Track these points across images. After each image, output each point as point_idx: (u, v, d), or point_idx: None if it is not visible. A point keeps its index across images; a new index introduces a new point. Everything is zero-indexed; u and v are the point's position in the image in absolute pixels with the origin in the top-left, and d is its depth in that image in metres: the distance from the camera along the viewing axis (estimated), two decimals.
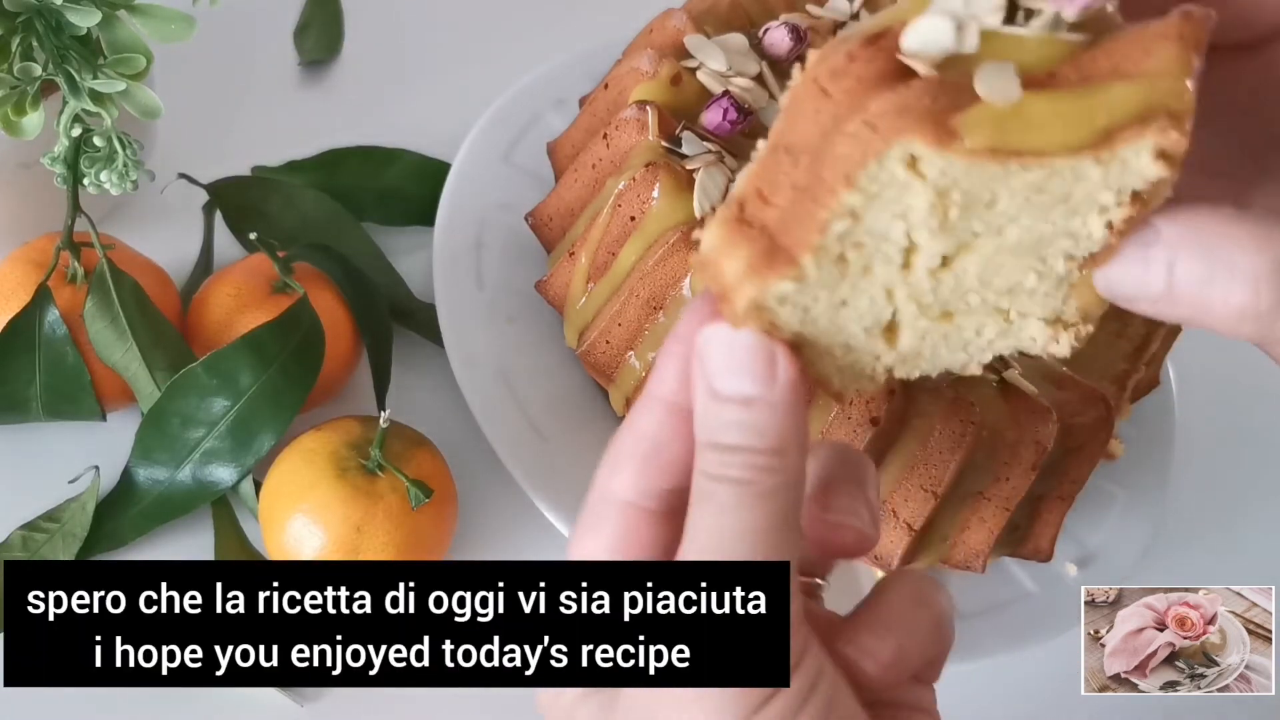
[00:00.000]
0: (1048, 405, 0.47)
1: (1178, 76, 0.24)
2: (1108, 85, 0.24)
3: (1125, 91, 0.24)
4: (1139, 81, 0.24)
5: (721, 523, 0.26)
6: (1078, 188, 0.25)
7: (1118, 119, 0.24)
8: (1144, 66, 0.24)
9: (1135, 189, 0.25)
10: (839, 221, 0.24)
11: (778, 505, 0.26)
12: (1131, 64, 0.24)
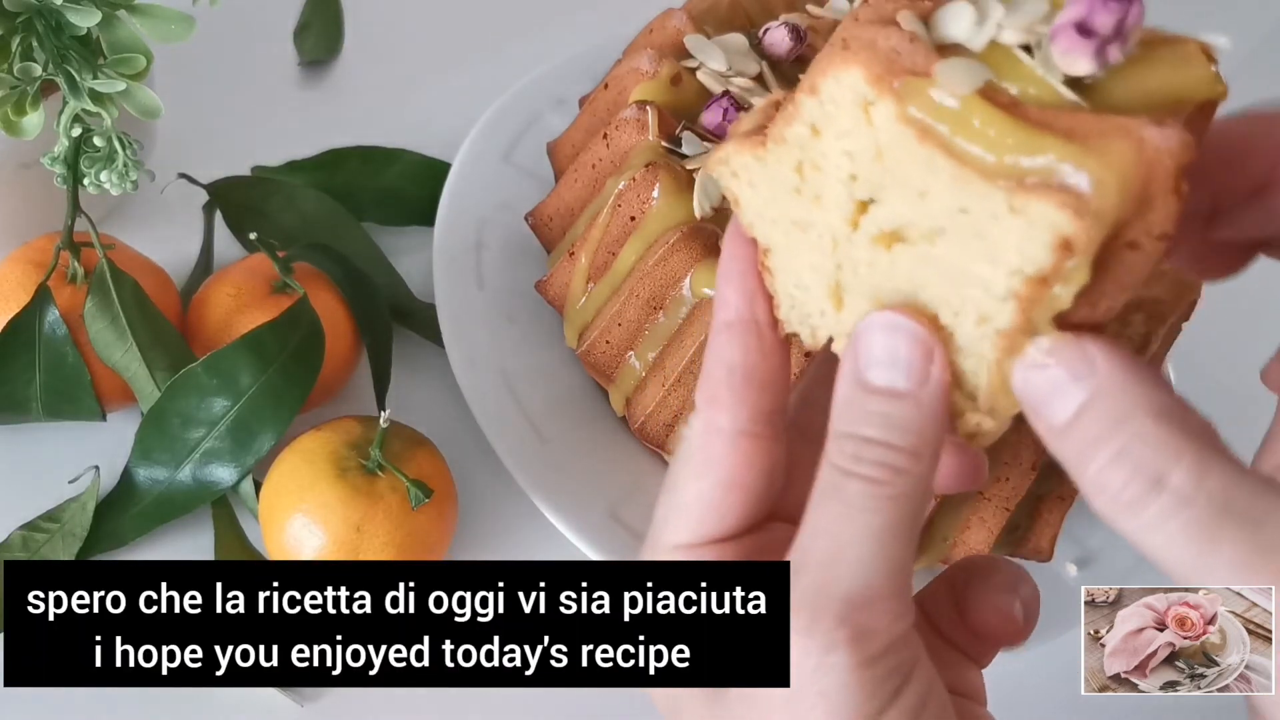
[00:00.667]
0: None
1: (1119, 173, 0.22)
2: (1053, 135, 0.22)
3: (1060, 146, 0.22)
4: (1083, 147, 0.22)
5: (848, 522, 0.25)
6: (992, 228, 0.23)
7: (1039, 168, 0.22)
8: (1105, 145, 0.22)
9: (1038, 267, 0.23)
10: (799, 124, 0.25)
11: (906, 511, 0.25)
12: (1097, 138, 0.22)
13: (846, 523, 0.25)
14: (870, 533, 0.25)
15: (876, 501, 0.25)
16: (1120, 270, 0.23)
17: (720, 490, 0.27)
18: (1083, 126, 0.22)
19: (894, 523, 0.25)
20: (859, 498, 0.25)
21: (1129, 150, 0.22)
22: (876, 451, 0.25)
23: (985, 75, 0.23)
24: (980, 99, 0.23)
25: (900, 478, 0.25)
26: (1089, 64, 0.22)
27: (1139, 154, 0.22)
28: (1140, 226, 0.22)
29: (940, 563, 0.51)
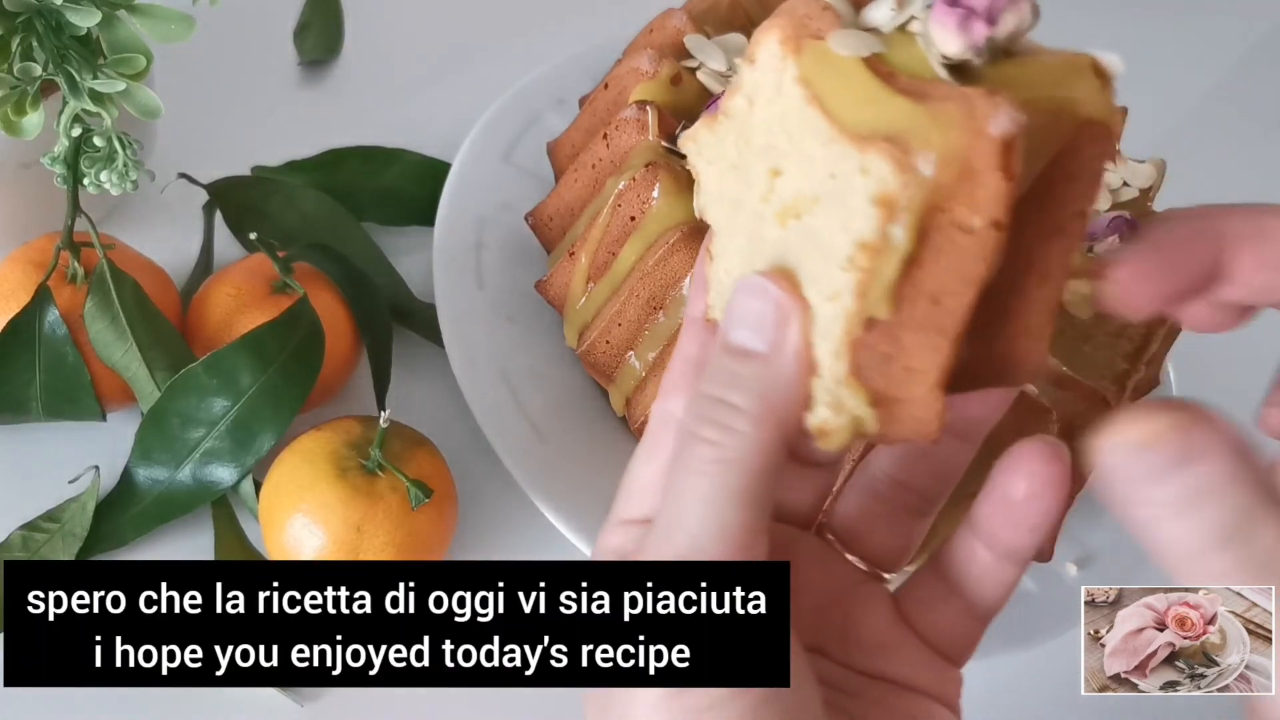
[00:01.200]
0: (1048, 405, 0.47)
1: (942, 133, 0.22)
2: (903, 98, 0.23)
3: (903, 106, 0.23)
4: (920, 108, 0.22)
5: (685, 485, 0.25)
6: (849, 193, 0.23)
7: (881, 124, 0.23)
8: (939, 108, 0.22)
9: (866, 231, 0.23)
10: (740, 96, 0.26)
11: (739, 476, 0.25)
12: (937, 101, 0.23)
13: (684, 486, 0.25)
14: (701, 496, 0.25)
15: (708, 465, 0.25)
16: (956, 256, 0.23)
17: (661, 473, 0.27)
18: (932, 93, 0.23)
19: (727, 487, 0.25)
20: (695, 460, 0.25)
21: (956, 113, 0.22)
22: (716, 410, 0.25)
23: (875, 47, 0.23)
24: (860, 64, 0.23)
25: (734, 439, 0.25)
26: (956, 39, 0.22)
27: (965, 118, 0.22)
28: (968, 203, 0.22)
29: None
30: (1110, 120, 0.23)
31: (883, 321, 0.24)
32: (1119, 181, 0.55)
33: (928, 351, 0.24)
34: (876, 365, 0.24)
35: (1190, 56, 0.86)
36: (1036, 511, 0.27)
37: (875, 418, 0.25)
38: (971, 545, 0.29)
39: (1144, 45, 0.84)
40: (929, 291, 0.23)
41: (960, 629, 0.30)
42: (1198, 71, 0.85)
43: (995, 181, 0.22)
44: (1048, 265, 0.24)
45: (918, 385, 0.24)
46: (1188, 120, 0.82)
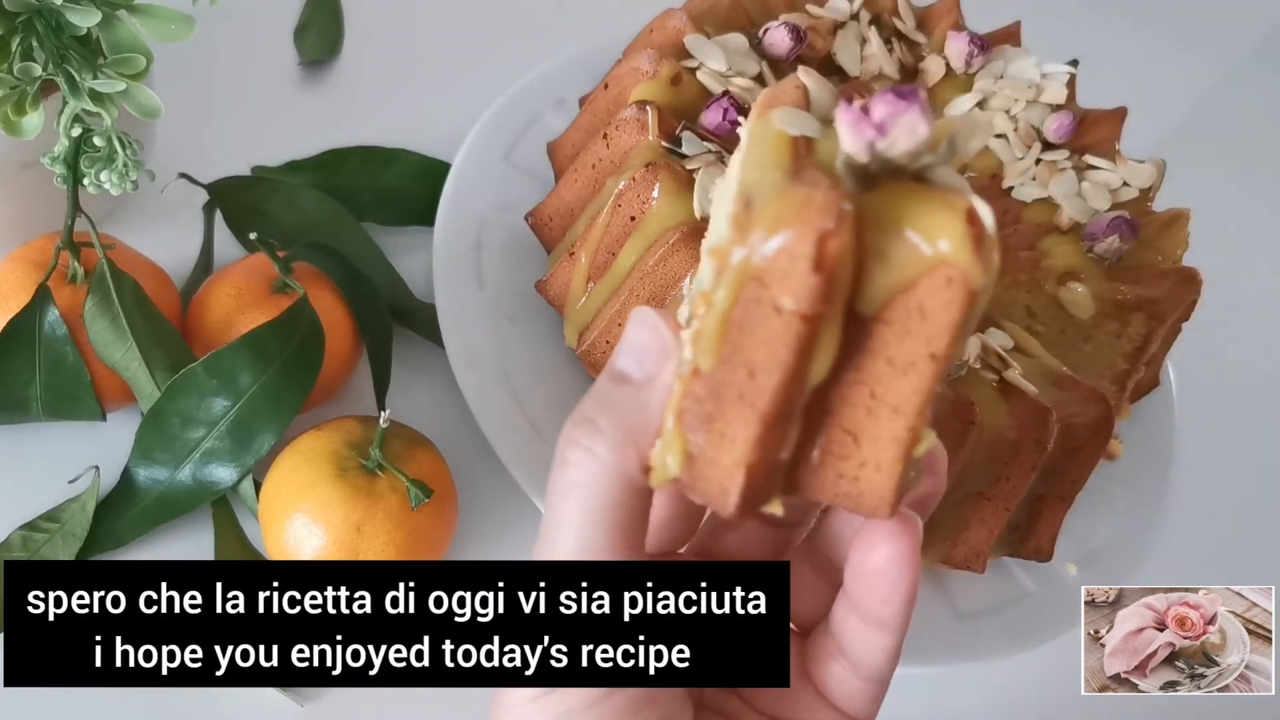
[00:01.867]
0: (1048, 405, 0.47)
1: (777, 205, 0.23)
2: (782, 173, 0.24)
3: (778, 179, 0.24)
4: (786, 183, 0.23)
5: (554, 508, 0.27)
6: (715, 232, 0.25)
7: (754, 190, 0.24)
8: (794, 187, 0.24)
9: (701, 284, 0.25)
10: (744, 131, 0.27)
11: (596, 498, 0.26)
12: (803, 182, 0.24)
13: (553, 508, 0.27)
14: (563, 519, 0.26)
15: (571, 489, 0.26)
16: (767, 334, 0.24)
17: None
18: (805, 178, 0.24)
19: (588, 511, 0.26)
20: (561, 485, 0.26)
21: (798, 196, 0.23)
22: (582, 430, 0.26)
23: (811, 132, 0.25)
24: (785, 139, 0.24)
25: (594, 463, 0.26)
26: (849, 138, 0.23)
27: (801, 203, 0.23)
28: (782, 285, 0.23)
29: (940, 563, 0.51)
30: (968, 271, 0.23)
31: (706, 376, 0.25)
32: (1119, 181, 0.55)
33: (740, 423, 0.24)
34: (701, 420, 0.25)
35: (1190, 56, 0.86)
36: (886, 585, 0.27)
37: (681, 467, 0.25)
38: (846, 609, 0.29)
39: (1144, 45, 0.84)
40: (745, 361, 0.24)
41: (851, 688, 0.30)
42: (1198, 71, 0.85)
43: (804, 269, 0.22)
44: (899, 400, 0.24)
45: (727, 453, 0.25)
46: (1188, 120, 0.82)
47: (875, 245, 0.23)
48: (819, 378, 0.24)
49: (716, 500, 0.25)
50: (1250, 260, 0.72)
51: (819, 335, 0.24)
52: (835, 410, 0.25)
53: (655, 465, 0.26)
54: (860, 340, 0.24)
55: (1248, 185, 0.78)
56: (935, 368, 0.24)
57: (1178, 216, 0.55)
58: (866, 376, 0.25)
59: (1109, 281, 0.53)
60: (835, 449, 0.25)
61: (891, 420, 0.25)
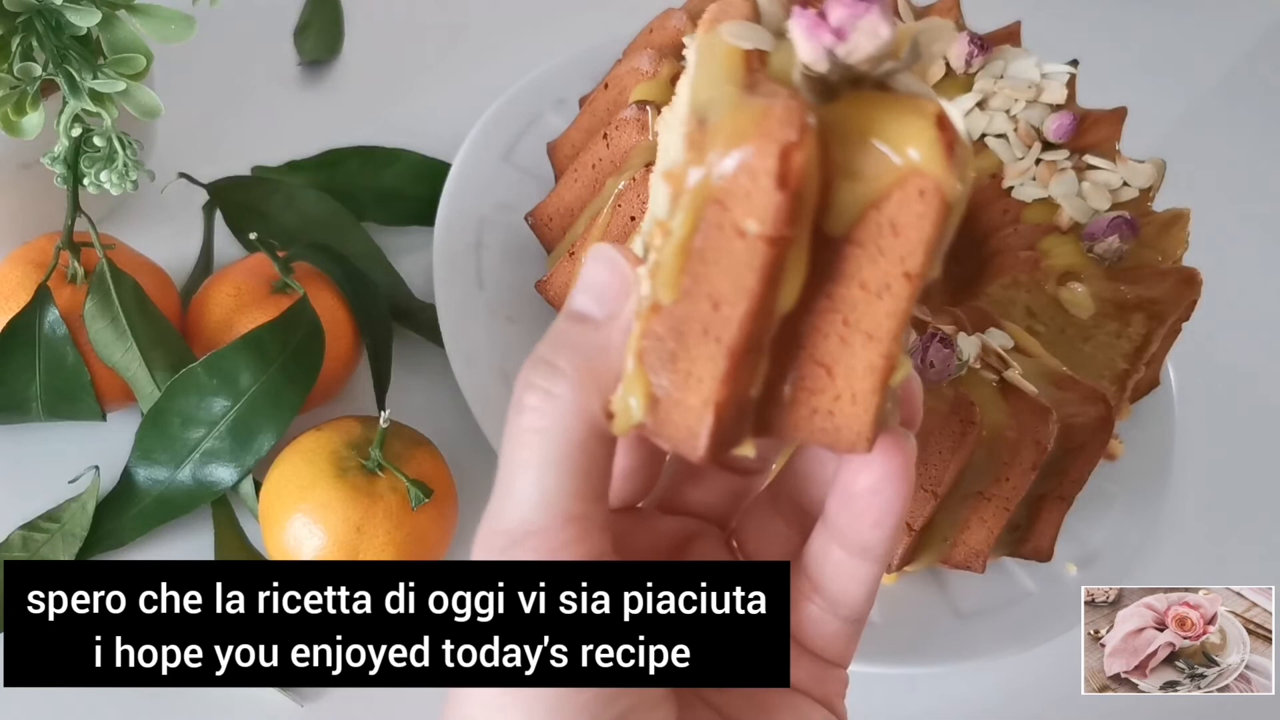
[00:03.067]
0: (1048, 405, 0.47)
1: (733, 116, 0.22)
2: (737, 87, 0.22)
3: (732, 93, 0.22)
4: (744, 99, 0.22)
5: (511, 456, 0.25)
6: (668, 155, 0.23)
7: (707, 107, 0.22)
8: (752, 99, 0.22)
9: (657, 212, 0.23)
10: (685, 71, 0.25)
11: (558, 444, 0.25)
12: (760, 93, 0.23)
13: (510, 456, 0.25)
14: (525, 466, 0.25)
15: (530, 434, 0.25)
16: (731, 261, 0.22)
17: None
18: (761, 90, 0.22)
19: (548, 456, 0.25)
20: (518, 430, 0.25)
21: (757, 109, 0.21)
22: (540, 372, 0.25)
23: (763, 45, 0.23)
24: (736, 53, 0.23)
25: (553, 405, 0.25)
26: (805, 45, 0.22)
27: (760, 116, 0.21)
28: (744, 206, 0.22)
29: (940, 563, 0.51)
30: (940, 179, 0.21)
31: (667, 312, 0.23)
32: (1119, 181, 0.55)
33: (706, 360, 0.23)
34: (663, 360, 0.24)
35: (1190, 56, 0.86)
36: (877, 506, 0.26)
37: (645, 411, 0.24)
38: (825, 542, 0.28)
39: (1144, 45, 0.84)
40: (708, 293, 0.23)
41: (828, 629, 0.29)
42: (1198, 71, 0.85)
43: (768, 187, 0.21)
44: (874, 325, 0.23)
45: (693, 393, 0.23)
46: (1188, 120, 0.82)
47: (841, 159, 0.22)
48: (787, 306, 0.23)
49: (684, 444, 0.24)
50: (1250, 260, 0.72)
51: (786, 259, 0.22)
52: (806, 341, 0.24)
53: (618, 410, 0.24)
54: (830, 264, 0.23)
55: (1248, 185, 0.78)
56: (911, 287, 0.22)
57: (1178, 216, 0.55)
58: (838, 303, 0.23)
59: (1109, 281, 0.53)
60: (807, 383, 0.24)
61: (866, 347, 0.23)
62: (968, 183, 0.22)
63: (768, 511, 0.31)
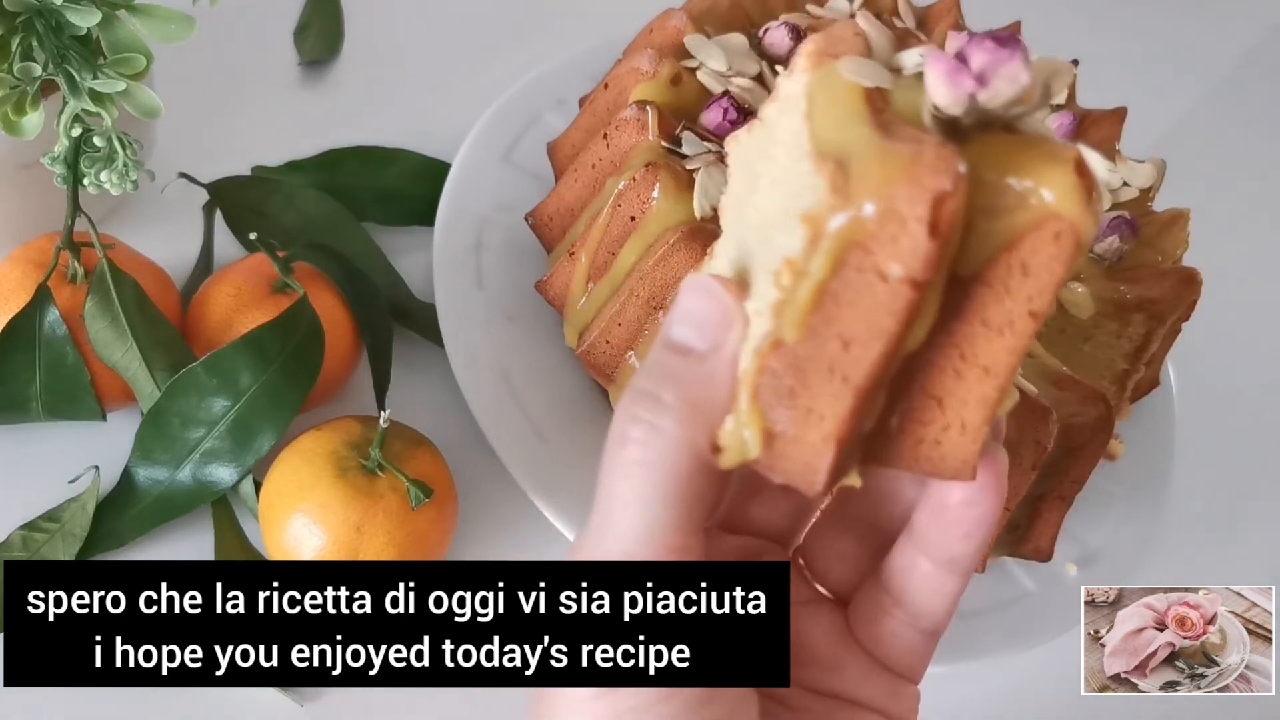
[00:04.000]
0: (1048, 405, 0.47)
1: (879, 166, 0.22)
2: (870, 129, 0.22)
3: (866, 137, 0.22)
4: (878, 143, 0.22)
5: (612, 488, 0.25)
6: (793, 210, 0.23)
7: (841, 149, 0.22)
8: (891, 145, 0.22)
9: (792, 249, 0.23)
10: (773, 103, 0.25)
11: (663, 476, 0.25)
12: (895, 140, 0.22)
13: (613, 488, 0.25)
14: (628, 498, 0.25)
15: (634, 466, 0.25)
16: (869, 303, 0.22)
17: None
18: (899, 134, 0.22)
19: (653, 488, 0.25)
20: (622, 462, 0.25)
21: (903, 154, 0.21)
22: (644, 405, 0.25)
23: (883, 82, 0.23)
24: (858, 91, 0.23)
25: (659, 439, 0.25)
26: (944, 90, 0.22)
27: (909, 162, 0.21)
28: (889, 250, 0.22)
29: None
30: (1078, 223, 0.22)
31: (790, 349, 0.23)
32: (1119, 181, 0.55)
33: (830, 397, 0.23)
34: (781, 397, 0.24)
35: (1190, 56, 0.86)
36: (971, 518, 0.27)
37: (761, 446, 0.24)
38: (912, 555, 0.28)
39: (1144, 45, 0.84)
40: (839, 333, 0.23)
41: (906, 643, 0.29)
42: (1198, 71, 0.85)
43: (920, 235, 0.21)
44: (991, 360, 0.23)
45: (814, 430, 0.24)
46: (1188, 120, 0.82)
47: (979, 202, 0.22)
48: (915, 345, 0.23)
49: (801, 479, 0.24)
50: (1250, 260, 0.72)
51: (924, 302, 0.22)
52: (919, 375, 0.24)
53: (728, 444, 0.25)
54: (955, 302, 0.23)
55: (1248, 185, 0.78)
56: (1034, 325, 0.23)
57: (1178, 216, 0.55)
58: (957, 339, 0.23)
59: (1109, 281, 0.53)
60: (917, 414, 0.24)
61: (981, 381, 0.24)
62: (1099, 226, 0.22)
63: (835, 530, 0.31)
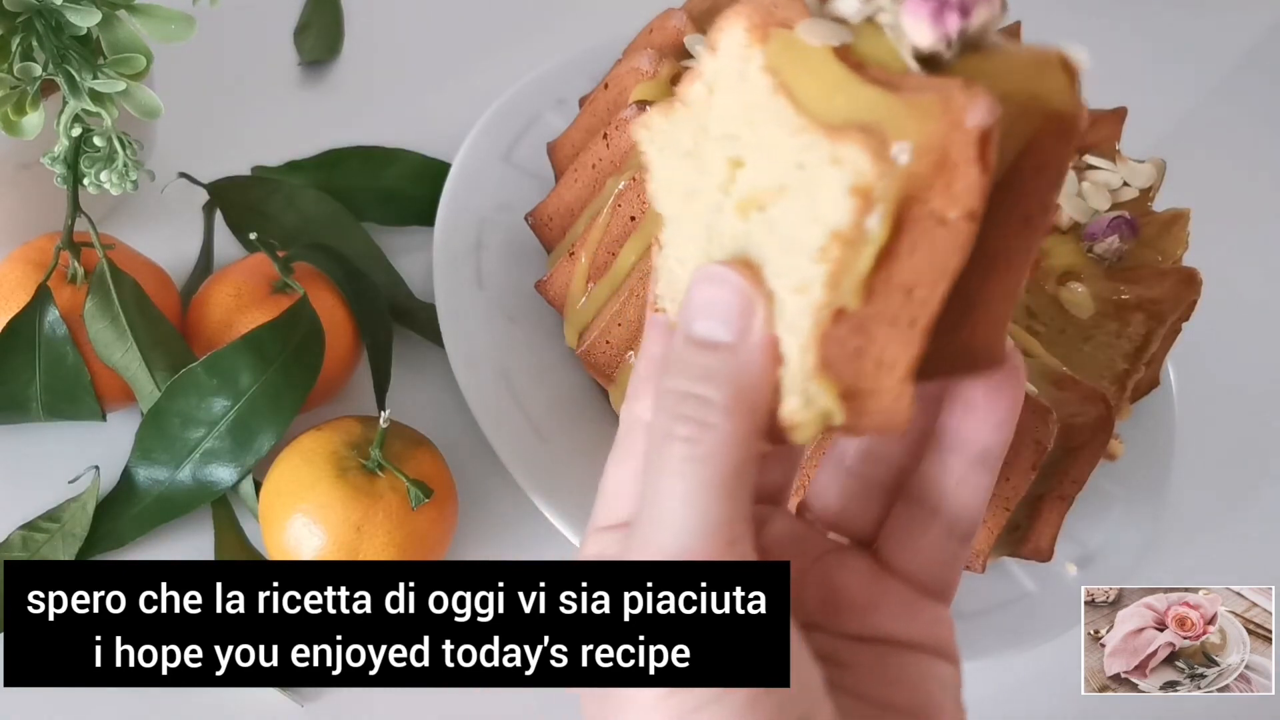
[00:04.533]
0: (1047, 405, 0.47)
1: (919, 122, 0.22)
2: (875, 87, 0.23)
3: (877, 96, 0.22)
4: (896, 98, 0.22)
5: (664, 486, 0.25)
6: (819, 183, 0.23)
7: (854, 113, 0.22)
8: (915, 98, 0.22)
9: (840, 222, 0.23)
10: (700, 83, 0.25)
11: (719, 471, 0.25)
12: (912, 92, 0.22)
13: (662, 487, 0.25)
14: (681, 495, 0.25)
15: (685, 463, 0.25)
16: (931, 248, 0.23)
17: (634, 477, 0.28)
18: (905, 84, 0.22)
19: (706, 483, 0.25)
20: (673, 460, 0.25)
21: (934, 104, 0.22)
22: (688, 405, 0.25)
23: (844, 37, 0.23)
24: (829, 53, 0.23)
25: (710, 434, 0.25)
26: (928, 30, 0.22)
27: (943, 110, 0.22)
28: (945, 195, 0.22)
29: None
30: (1076, 114, 0.23)
31: (853, 314, 0.23)
32: (1119, 181, 0.55)
33: (899, 345, 0.23)
34: (847, 359, 0.24)
35: (1190, 56, 0.86)
36: (1001, 407, 0.28)
37: (844, 411, 0.24)
38: (942, 461, 0.29)
39: (1144, 45, 0.84)
40: (902, 283, 0.23)
41: (941, 553, 0.30)
42: (1198, 71, 0.85)
43: (973, 173, 0.22)
44: (1012, 255, 0.24)
45: (887, 378, 0.24)
46: (1188, 120, 0.82)
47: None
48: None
49: (885, 425, 0.24)
50: (1250, 260, 0.72)
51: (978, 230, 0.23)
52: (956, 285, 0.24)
53: (800, 420, 0.25)
54: None
55: (1248, 185, 0.78)
56: (1049, 218, 0.24)
57: (1178, 216, 0.55)
58: (982, 242, 0.24)
59: (1109, 281, 0.53)
60: (952, 321, 0.24)
61: (1005, 276, 0.24)
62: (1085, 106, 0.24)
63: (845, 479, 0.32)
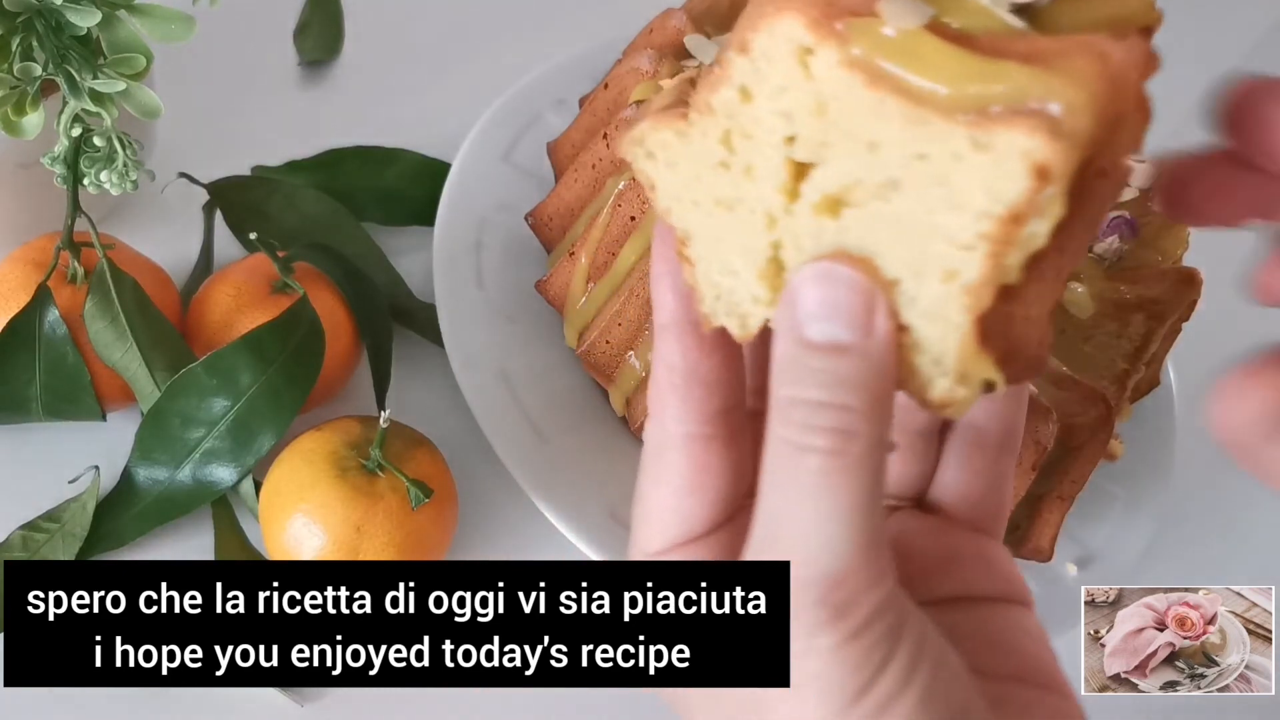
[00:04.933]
0: (1048, 405, 0.47)
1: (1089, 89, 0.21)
2: (1011, 61, 0.21)
3: (1020, 71, 0.21)
4: (1045, 68, 0.21)
5: (811, 504, 0.23)
6: (955, 171, 0.22)
7: (1003, 95, 0.21)
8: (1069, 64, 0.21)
9: (1010, 202, 0.21)
10: (728, 89, 0.24)
11: (866, 478, 0.23)
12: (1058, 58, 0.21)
13: (809, 504, 0.24)
14: (835, 513, 0.23)
15: (835, 477, 0.23)
16: (1090, 202, 0.22)
17: (678, 496, 0.27)
18: (1039, 49, 0.21)
19: (857, 494, 0.23)
20: (817, 475, 0.23)
21: (1094, 65, 0.21)
22: (827, 416, 0.23)
23: (929, 11, 0.22)
24: (927, 34, 0.22)
25: (854, 442, 0.23)
26: None
27: (1105, 69, 0.21)
28: (1110, 149, 0.22)
29: None
30: (1155, 22, 0.23)
31: (1012, 288, 0.23)
32: None
33: (1045, 298, 0.23)
34: (1001, 327, 0.23)
35: (1190, 56, 0.86)
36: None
37: (1002, 374, 0.23)
38: None
39: None
40: (1058, 244, 0.22)
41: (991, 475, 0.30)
42: (1198, 71, 0.85)
43: (1138, 122, 0.22)
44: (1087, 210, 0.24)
45: (1035, 330, 0.24)
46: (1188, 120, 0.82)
47: None
48: None
49: (1035, 370, 0.24)
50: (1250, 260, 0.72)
51: None
52: None
53: (956, 398, 0.24)
54: None
55: None
56: (1126, 170, 0.24)
57: None
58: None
59: (1109, 281, 0.53)
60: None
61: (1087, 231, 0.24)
62: None
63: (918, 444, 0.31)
